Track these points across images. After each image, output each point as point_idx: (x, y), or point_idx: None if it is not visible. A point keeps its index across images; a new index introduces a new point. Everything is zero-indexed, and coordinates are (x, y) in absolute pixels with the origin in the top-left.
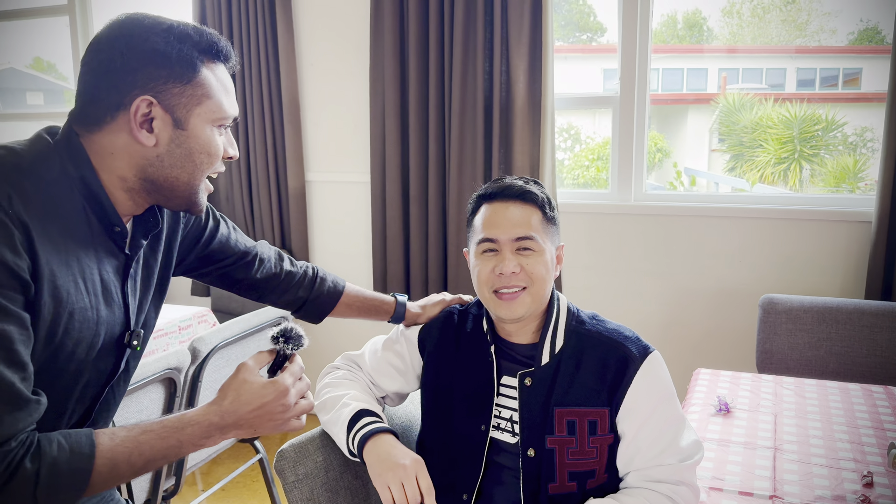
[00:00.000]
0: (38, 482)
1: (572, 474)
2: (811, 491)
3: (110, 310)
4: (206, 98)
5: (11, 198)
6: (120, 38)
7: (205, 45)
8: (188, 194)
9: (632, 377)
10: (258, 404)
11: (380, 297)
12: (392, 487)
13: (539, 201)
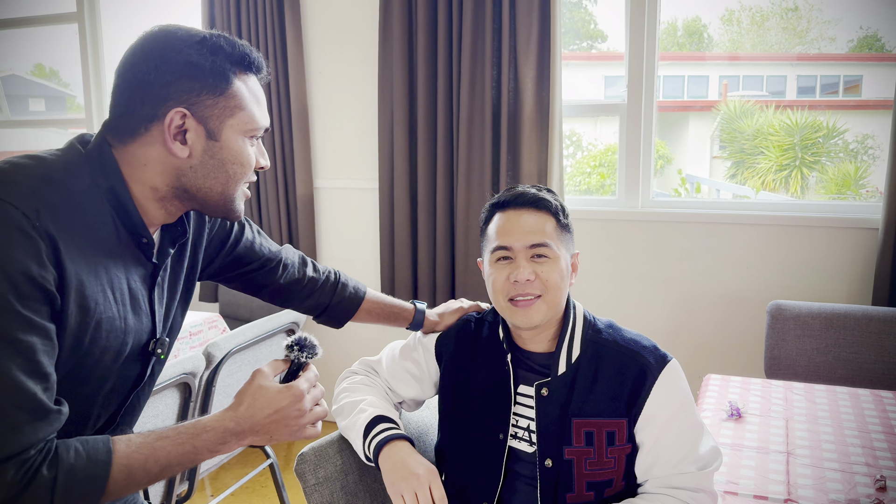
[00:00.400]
0: (56, 489)
1: (590, 484)
2: (825, 495)
3: (138, 318)
4: (239, 109)
5: (39, 211)
6: (154, 51)
7: (237, 57)
8: (223, 203)
9: (650, 387)
10: (273, 409)
11: (399, 303)
12: (405, 496)
13: (553, 208)
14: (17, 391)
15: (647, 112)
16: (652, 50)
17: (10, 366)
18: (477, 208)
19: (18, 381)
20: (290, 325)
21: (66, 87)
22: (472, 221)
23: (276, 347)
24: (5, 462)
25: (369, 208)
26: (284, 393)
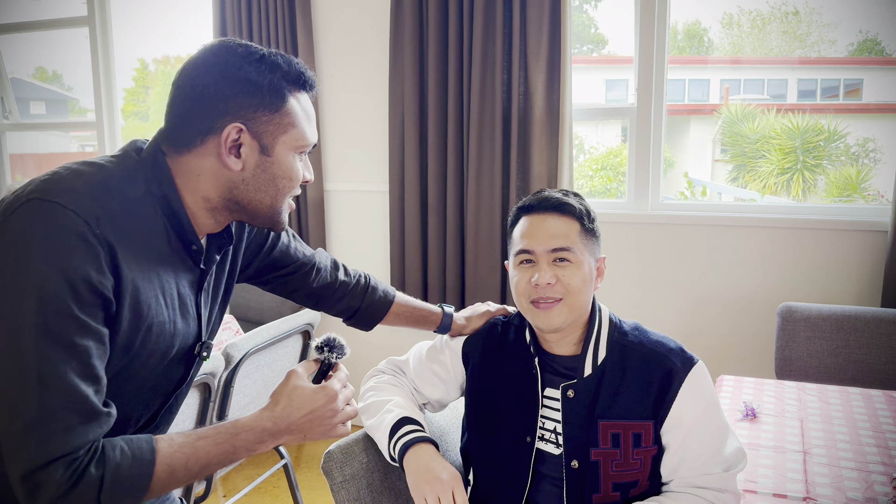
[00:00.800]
0: (102, 487)
1: (616, 485)
2: (843, 493)
3: (185, 322)
4: (292, 126)
5: (99, 219)
6: (215, 65)
7: (293, 76)
8: (271, 215)
9: (677, 390)
10: (309, 409)
11: (428, 307)
12: (429, 500)
13: (577, 213)
14: (72, 393)
15: (657, 115)
16: (661, 53)
17: (66, 369)
18: (487, 211)
19: (73, 383)
20: (305, 327)
21: (69, 91)
22: (482, 224)
23: (290, 349)
24: (55, 461)
25: (380, 211)
26: (319, 393)
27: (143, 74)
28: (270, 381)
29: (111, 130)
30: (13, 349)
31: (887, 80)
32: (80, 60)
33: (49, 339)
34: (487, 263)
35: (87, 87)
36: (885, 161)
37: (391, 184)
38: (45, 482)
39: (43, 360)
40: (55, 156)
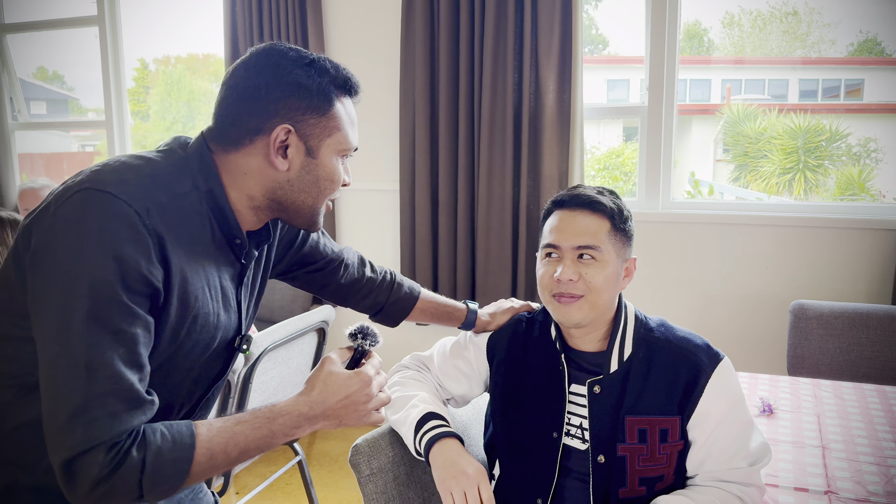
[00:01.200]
0: (144, 470)
1: (643, 480)
2: (863, 487)
3: (227, 315)
4: (337, 130)
5: (150, 210)
6: (266, 68)
7: (341, 81)
8: (311, 215)
9: (704, 386)
10: (344, 395)
11: (453, 303)
12: (454, 494)
13: (608, 211)
14: (118, 380)
15: (668, 114)
16: (672, 53)
17: (113, 355)
18: (498, 210)
19: (119, 370)
20: (321, 324)
21: (69, 91)
22: (493, 223)
23: (306, 346)
24: (98, 446)
25: (390, 210)
26: (354, 379)
27: (144, 74)
28: (287, 377)
29: (121, 130)
30: (62, 334)
31: (888, 80)
32: (81, 60)
33: (97, 326)
34: (498, 262)
35: (87, 87)
36: (887, 161)
37: (402, 182)
38: (86, 467)
39: (91, 346)
40: (61, 155)
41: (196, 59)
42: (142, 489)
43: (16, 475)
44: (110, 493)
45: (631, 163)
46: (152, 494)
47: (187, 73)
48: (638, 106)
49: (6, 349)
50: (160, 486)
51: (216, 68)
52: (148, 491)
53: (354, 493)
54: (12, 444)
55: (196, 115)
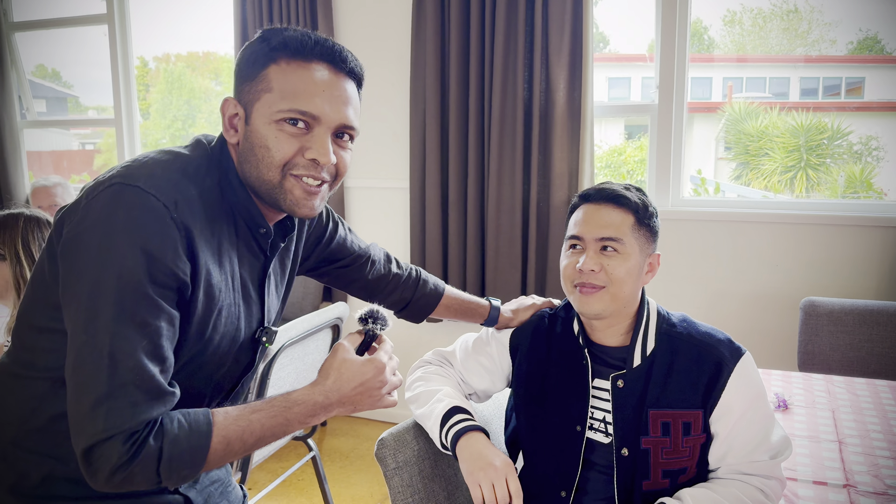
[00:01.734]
0: (161, 458)
1: (666, 472)
2: (881, 481)
3: (248, 308)
4: (265, 92)
5: (178, 203)
6: (238, 54)
7: (276, 43)
8: (269, 192)
9: (726, 380)
10: (359, 381)
11: (476, 300)
12: (483, 487)
13: (633, 206)
14: (139, 371)
15: (678, 112)
16: (683, 50)
17: (137, 347)
18: (508, 209)
19: (142, 361)
20: (335, 321)
21: (68, 88)
22: (503, 221)
23: (321, 342)
24: (118, 435)
25: (400, 208)
26: (368, 365)
27: (144, 72)
28: (303, 373)
29: (130, 128)
30: (89, 325)
31: (889, 79)
32: (81, 58)
33: (123, 317)
34: (508, 260)
35: (85, 85)
36: (888, 159)
37: (412, 181)
38: (106, 455)
39: (115, 337)
40: (61, 153)
41: (196, 57)
42: (160, 476)
43: (52, 466)
44: (129, 479)
45: (633, 161)
46: (170, 481)
47: (187, 70)
48: (648, 104)
49: (42, 342)
50: (178, 473)
51: (216, 66)
52: (166, 477)
53: (366, 489)
54: (48, 435)
55: (196, 113)
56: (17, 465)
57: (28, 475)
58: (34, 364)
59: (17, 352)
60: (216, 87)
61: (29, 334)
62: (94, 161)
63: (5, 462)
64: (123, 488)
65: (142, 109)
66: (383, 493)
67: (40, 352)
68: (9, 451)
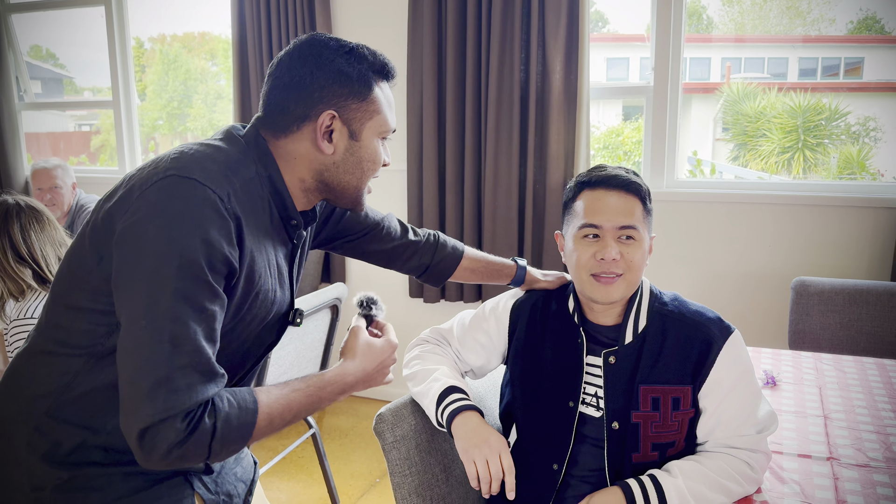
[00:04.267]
0: (215, 435)
1: (655, 445)
2: (864, 454)
3: (282, 291)
4: (377, 113)
5: (230, 195)
6: (310, 58)
7: (378, 66)
8: (355, 196)
9: (715, 357)
10: (380, 361)
11: (500, 260)
12: (477, 462)
13: (642, 193)
14: (197, 354)
15: (673, 93)
16: (678, 31)
17: (197, 330)
18: (505, 190)
19: (200, 344)
20: (334, 301)
21: (62, 69)
22: (500, 203)
23: (320, 322)
24: (177, 415)
25: (397, 189)
26: (385, 347)
27: (140, 53)
28: (302, 352)
29: (128, 109)
30: (149, 311)
31: (888, 59)
32: (77, 39)
33: (184, 303)
34: (505, 241)
35: (80, 66)
36: (886, 140)
37: (409, 163)
38: (163, 434)
39: (176, 322)
40: (57, 135)
41: (192, 38)
42: (210, 451)
43: (84, 436)
44: (183, 456)
45: (631, 142)
46: (219, 456)
47: (183, 51)
48: (643, 85)
49: (79, 322)
50: (227, 448)
51: (212, 46)
52: (216, 453)
53: (364, 466)
54: (82, 408)
55: (193, 94)
56: (51, 434)
57: (61, 444)
58: (68, 342)
59: (50, 330)
60: (212, 68)
61: (65, 314)
62: (91, 143)
63: (38, 432)
64: (175, 466)
65: (138, 90)
66: (382, 469)
67: (76, 331)
68: (42, 422)
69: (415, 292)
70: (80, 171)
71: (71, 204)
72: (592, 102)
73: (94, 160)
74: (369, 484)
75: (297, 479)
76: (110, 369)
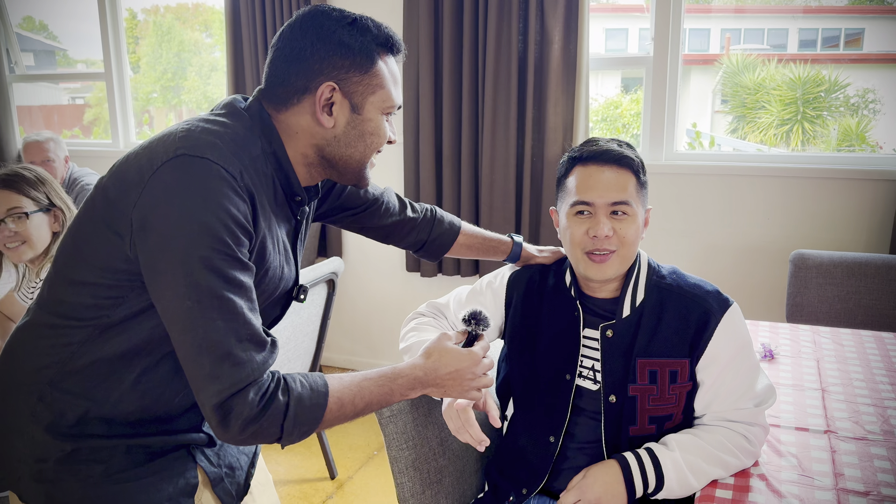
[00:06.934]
0: (287, 413)
1: (652, 418)
2: (861, 427)
3: (289, 268)
4: (380, 88)
5: (242, 172)
6: (311, 29)
7: (382, 39)
8: (358, 170)
9: (713, 331)
10: (454, 368)
11: (496, 236)
12: (451, 421)
13: (635, 167)
14: (249, 326)
15: (673, 65)
16: (679, 1)
17: (242, 304)
18: (502, 163)
19: (248, 317)
20: (330, 276)
21: (55, 41)
22: (497, 175)
23: (317, 296)
24: (247, 387)
25: (394, 162)
26: (465, 355)
27: (133, 25)
28: (299, 327)
29: (120, 81)
30: (192, 291)
31: (888, 30)
32: (66, 10)
33: (222, 280)
34: (502, 215)
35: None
36: (885, 112)
37: (406, 135)
38: (238, 406)
39: (221, 299)
40: (51, 108)
41: (185, 9)
42: (283, 431)
43: (87, 407)
44: (258, 432)
45: (629, 114)
46: (291, 437)
47: (177, 23)
48: (643, 56)
49: (83, 296)
50: (299, 429)
51: (206, 17)
52: (288, 433)
53: (362, 439)
54: (85, 378)
55: (187, 66)
56: (55, 405)
57: (64, 414)
58: (71, 315)
59: (53, 304)
60: (206, 40)
61: (68, 289)
62: (84, 115)
63: (42, 402)
64: (250, 442)
65: (131, 62)
66: (379, 442)
67: (80, 305)
68: (46, 392)
69: (412, 267)
70: (72, 145)
71: (64, 177)
72: (591, 74)
73: (87, 133)
74: (367, 457)
75: (296, 451)
76: (115, 340)
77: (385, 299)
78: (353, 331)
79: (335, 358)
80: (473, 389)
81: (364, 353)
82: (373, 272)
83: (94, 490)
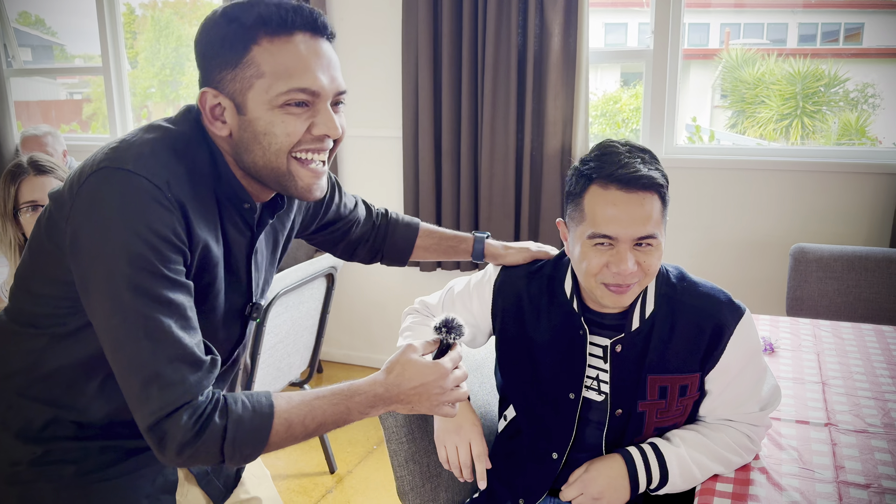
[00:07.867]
0: (226, 437)
1: (658, 429)
2: (862, 420)
3: (235, 282)
4: (257, 78)
5: (169, 182)
6: (201, 33)
7: (263, 18)
8: (276, 178)
9: (726, 343)
10: (419, 382)
11: (458, 235)
12: (448, 449)
13: (662, 189)
14: (178, 345)
15: (673, 59)
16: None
17: (169, 323)
18: (501, 157)
19: (177, 336)
20: (329, 270)
21: (52, 36)
22: (497, 170)
23: (316, 291)
24: (178, 410)
25: (393, 157)
26: (430, 368)
27: (131, 20)
28: (298, 321)
29: (118, 76)
30: (117, 311)
31: (888, 24)
32: (66, 5)
33: (147, 298)
34: (501, 209)
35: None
36: (885, 107)
37: (405, 129)
38: (172, 429)
39: (147, 319)
40: (49, 103)
41: (183, 4)
42: (223, 454)
43: (54, 413)
44: (195, 456)
45: (628, 109)
46: (233, 460)
47: (175, 17)
48: (643, 50)
49: (41, 305)
50: (241, 452)
51: (205, 12)
52: (229, 456)
53: (362, 433)
54: (50, 386)
55: (185, 62)
56: (22, 412)
57: (32, 421)
58: (32, 323)
59: (15, 312)
60: None
61: (27, 298)
62: (82, 110)
63: (11, 410)
64: (190, 464)
65: (129, 57)
66: (378, 436)
67: (39, 314)
68: (13, 400)
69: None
70: (71, 139)
71: None
72: (591, 69)
73: (85, 128)
74: (366, 451)
75: (295, 446)
76: (74, 348)
77: (384, 294)
78: (353, 325)
79: (334, 353)
80: (444, 405)
81: (363, 348)
82: (372, 266)
83: (66, 491)
